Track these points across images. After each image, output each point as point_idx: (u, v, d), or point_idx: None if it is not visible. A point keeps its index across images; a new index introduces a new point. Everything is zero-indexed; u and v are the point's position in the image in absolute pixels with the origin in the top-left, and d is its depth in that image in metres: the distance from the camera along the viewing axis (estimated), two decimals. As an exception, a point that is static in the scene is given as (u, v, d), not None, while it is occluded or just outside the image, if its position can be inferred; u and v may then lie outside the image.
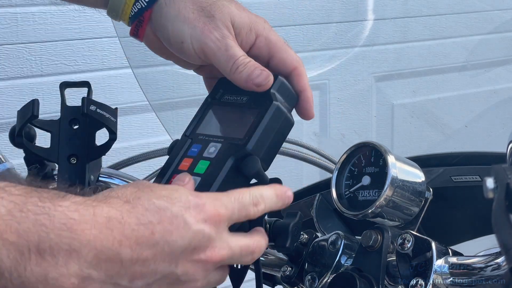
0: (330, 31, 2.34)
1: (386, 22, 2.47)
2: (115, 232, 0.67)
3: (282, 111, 0.85)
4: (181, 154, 0.87)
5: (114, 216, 0.68)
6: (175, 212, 0.71)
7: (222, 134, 0.87)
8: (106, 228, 0.67)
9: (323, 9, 2.32)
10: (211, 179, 0.82)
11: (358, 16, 2.39)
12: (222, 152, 0.84)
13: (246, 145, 0.83)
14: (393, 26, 2.48)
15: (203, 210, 0.73)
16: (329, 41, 2.34)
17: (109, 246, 0.67)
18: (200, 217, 0.72)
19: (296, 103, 0.89)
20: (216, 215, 0.74)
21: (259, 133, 0.83)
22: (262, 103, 0.86)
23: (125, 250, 0.68)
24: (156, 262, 0.70)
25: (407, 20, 2.51)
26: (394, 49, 2.50)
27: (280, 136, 0.86)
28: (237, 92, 0.89)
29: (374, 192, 0.92)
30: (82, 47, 1.90)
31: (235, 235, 0.76)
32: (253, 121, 0.84)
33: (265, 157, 0.84)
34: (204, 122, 0.90)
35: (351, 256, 0.93)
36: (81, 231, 0.66)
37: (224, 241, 0.74)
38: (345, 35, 2.36)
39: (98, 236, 0.66)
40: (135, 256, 0.68)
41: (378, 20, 2.43)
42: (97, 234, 0.66)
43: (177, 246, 0.71)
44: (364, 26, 2.35)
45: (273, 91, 0.86)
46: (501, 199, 0.61)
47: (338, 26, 2.35)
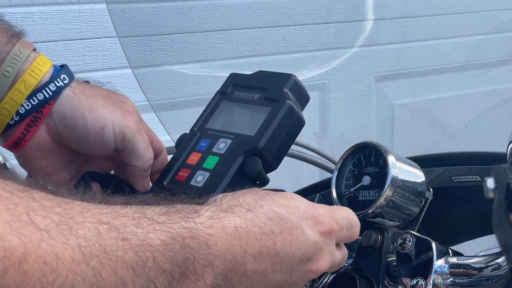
0: (330, 31, 2.34)
1: (386, 22, 2.47)
2: (242, 242, 0.68)
3: (295, 111, 0.85)
4: (189, 148, 0.87)
5: (240, 225, 0.69)
6: (294, 222, 0.72)
7: (232, 130, 0.86)
8: (234, 238, 0.68)
9: (323, 9, 2.32)
10: (220, 175, 0.82)
11: (358, 16, 2.39)
12: (232, 148, 0.83)
13: (258, 143, 0.82)
14: (393, 26, 2.48)
15: (319, 222, 0.75)
16: (329, 41, 2.34)
17: (236, 256, 0.68)
18: (316, 229, 0.74)
19: (307, 103, 0.88)
20: (329, 229, 0.76)
21: (271, 131, 0.83)
22: (274, 102, 0.85)
23: (249, 260, 0.69)
24: (275, 272, 0.71)
25: (407, 20, 2.51)
26: (394, 49, 2.50)
27: (291, 135, 0.85)
28: (248, 88, 0.88)
29: (374, 192, 0.92)
30: (82, 47, 1.90)
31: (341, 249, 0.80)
32: (265, 119, 0.84)
33: (275, 156, 0.84)
34: (213, 117, 0.89)
35: (351, 256, 0.93)
36: (214, 245, 0.66)
37: (331, 255, 0.76)
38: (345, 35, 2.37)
39: (228, 248, 0.67)
40: (257, 266, 0.69)
41: (378, 20, 2.43)
42: (227, 246, 0.67)
43: (295, 256, 0.72)
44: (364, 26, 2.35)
45: (286, 90, 0.86)
46: (501, 199, 0.61)
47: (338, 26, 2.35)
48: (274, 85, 0.87)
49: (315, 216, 0.75)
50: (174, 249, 0.63)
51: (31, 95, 0.84)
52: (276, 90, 0.86)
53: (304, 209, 0.74)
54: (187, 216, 0.66)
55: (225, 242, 0.67)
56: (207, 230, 0.66)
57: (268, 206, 0.72)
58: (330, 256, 0.76)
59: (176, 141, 0.90)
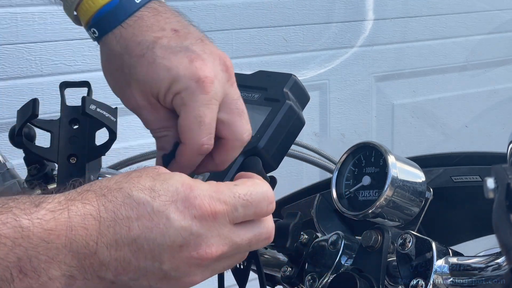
0: (330, 31, 2.34)
1: (386, 22, 2.47)
2: (91, 230, 0.65)
3: (295, 111, 0.85)
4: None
5: (90, 212, 0.65)
6: (156, 207, 0.66)
7: None
8: (82, 228, 0.65)
9: (323, 9, 2.32)
10: (221, 174, 0.82)
11: (358, 16, 2.39)
12: None
13: (258, 143, 0.82)
14: (393, 26, 2.48)
15: (193, 205, 0.67)
16: (329, 41, 2.34)
17: (84, 246, 0.64)
18: (188, 213, 0.67)
19: (307, 103, 0.88)
20: (210, 211, 0.68)
21: (271, 131, 0.83)
22: (274, 102, 0.85)
23: (102, 249, 0.65)
24: (138, 259, 0.66)
25: (407, 20, 2.52)
26: (394, 49, 2.50)
27: (291, 135, 0.85)
28: (248, 88, 0.88)
29: (374, 192, 0.92)
30: (82, 47, 1.90)
31: (244, 227, 0.70)
32: (265, 119, 0.84)
33: (275, 156, 0.84)
34: None
35: (351, 257, 0.93)
36: (56, 238, 0.64)
37: (225, 237, 0.69)
38: (345, 35, 2.37)
39: (73, 239, 0.64)
40: (114, 253, 0.65)
41: (378, 20, 2.43)
42: (72, 237, 0.64)
43: (156, 243, 0.66)
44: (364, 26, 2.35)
45: (286, 90, 0.86)
46: (501, 199, 0.61)
47: (338, 26, 2.35)
48: (274, 85, 0.87)
49: (188, 198, 0.67)
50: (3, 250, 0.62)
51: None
52: (276, 90, 0.86)
53: (175, 191, 0.67)
54: (19, 214, 0.64)
55: (70, 234, 0.64)
56: (47, 224, 0.63)
57: (126, 190, 0.66)
58: (222, 239, 0.68)
59: None
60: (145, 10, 0.79)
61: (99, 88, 1.00)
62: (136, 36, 0.77)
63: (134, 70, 0.77)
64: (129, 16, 0.78)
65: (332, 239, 0.94)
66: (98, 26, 0.80)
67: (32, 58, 1.86)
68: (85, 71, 1.92)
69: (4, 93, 1.85)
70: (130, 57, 0.77)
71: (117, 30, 0.78)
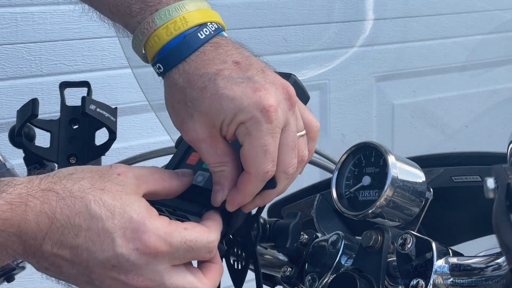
0: (330, 31, 2.34)
1: (386, 22, 2.47)
2: (42, 226, 0.71)
3: None
4: (189, 148, 0.87)
5: (46, 210, 0.71)
6: (106, 226, 0.72)
7: None
8: (35, 223, 0.70)
9: (323, 9, 2.32)
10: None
11: (358, 16, 2.39)
12: None
13: None
14: (393, 26, 2.48)
15: (140, 239, 0.72)
16: (329, 41, 2.34)
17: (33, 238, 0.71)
18: (132, 244, 0.72)
19: (307, 102, 0.88)
20: (153, 249, 0.72)
21: None
22: None
23: (46, 244, 0.71)
24: (74, 262, 0.72)
25: (407, 20, 2.51)
26: (394, 49, 2.50)
27: None
28: None
29: (375, 192, 0.92)
30: (82, 47, 1.90)
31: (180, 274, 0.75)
32: None
33: None
34: None
35: (351, 257, 0.93)
36: (10, 227, 0.70)
37: (157, 275, 0.73)
38: (345, 35, 2.36)
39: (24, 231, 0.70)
40: (55, 251, 0.71)
41: (378, 20, 2.43)
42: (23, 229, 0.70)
43: (94, 256, 0.72)
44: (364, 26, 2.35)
45: None
46: (501, 199, 0.61)
47: (338, 26, 2.35)
48: None
49: (137, 231, 0.72)
50: None
51: None
52: None
53: (129, 219, 0.72)
54: None
55: (23, 226, 0.70)
56: (3, 214, 0.70)
57: (86, 201, 0.72)
58: (153, 274, 0.73)
59: (176, 141, 0.90)
60: (208, 44, 0.80)
61: (99, 88, 1.00)
62: (198, 69, 0.78)
63: (197, 102, 0.78)
64: (193, 52, 0.79)
65: (332, 239, 0.94)
66: (163, 62, 0.81)
67: (32, 58, 1.86)
68: (85, 71, 1.92)
69: (4, 93, 1.85)
70: (192, 90, 0.78)
71: (180, 65, 0.79)
